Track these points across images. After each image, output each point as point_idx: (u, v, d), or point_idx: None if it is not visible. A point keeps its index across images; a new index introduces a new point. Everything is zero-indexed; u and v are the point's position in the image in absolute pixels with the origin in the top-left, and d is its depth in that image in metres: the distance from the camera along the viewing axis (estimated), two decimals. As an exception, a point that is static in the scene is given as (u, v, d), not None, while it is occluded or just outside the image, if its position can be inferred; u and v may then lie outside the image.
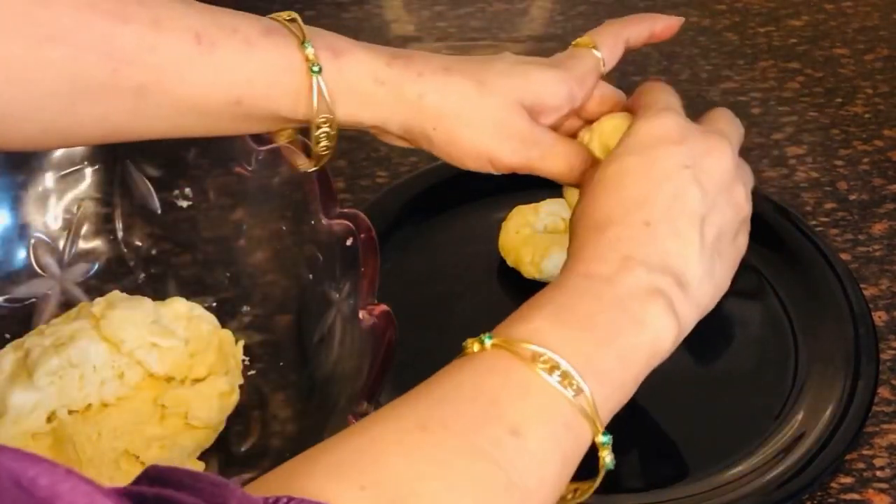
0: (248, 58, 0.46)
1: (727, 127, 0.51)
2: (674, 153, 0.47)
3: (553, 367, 0.39)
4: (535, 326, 0.41)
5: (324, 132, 0.49)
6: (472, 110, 0.50)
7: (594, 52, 0.53)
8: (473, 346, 0.41)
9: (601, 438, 0.40)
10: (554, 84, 0.51)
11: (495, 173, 0.52)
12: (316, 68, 0.47)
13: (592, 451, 0.47)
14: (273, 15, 0.49)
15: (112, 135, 0.48)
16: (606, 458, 0.41)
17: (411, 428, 0.37)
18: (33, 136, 0.45)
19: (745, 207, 0.49)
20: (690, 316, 0.46)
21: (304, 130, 0.52)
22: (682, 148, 0.47)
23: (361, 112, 0.49)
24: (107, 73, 0.44)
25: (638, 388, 0.60)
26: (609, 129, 0.52)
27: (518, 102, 0.50)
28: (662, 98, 0.51)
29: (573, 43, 0.55)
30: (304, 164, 0.53)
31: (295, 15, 0.49)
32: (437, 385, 0.39)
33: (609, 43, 0.54)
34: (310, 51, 0.47)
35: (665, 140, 0.47)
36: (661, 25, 0.56)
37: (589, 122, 0.55)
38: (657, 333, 0.43)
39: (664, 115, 0.49)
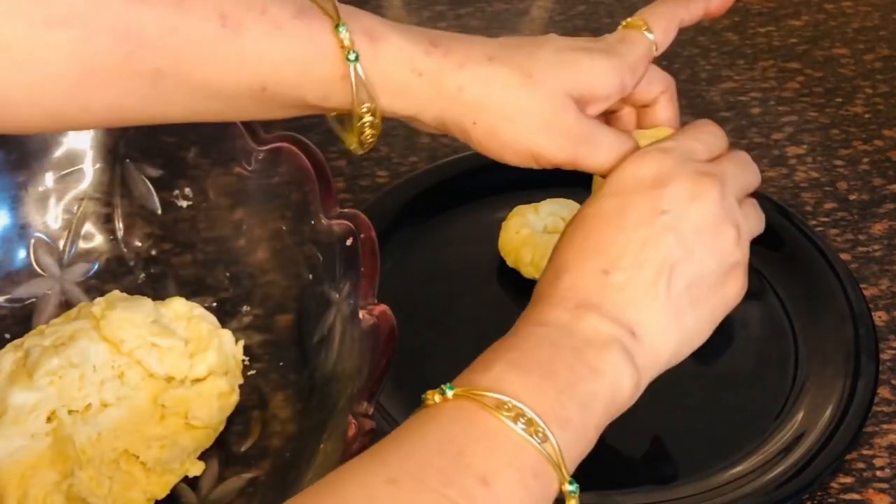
0: (277, 42, 0.43)
1: (735, 170, 0.48)
2: (653, 197, 0.45)
3: (518, 415, 0.38)
4: (495, 374, 0.40)
5: (367, 121, 0.46)
6: (517, 104, 0.46)
7: (647, 34, 0.51)
8: (434, 397, 0.39)
9: (568, 487, 0.39)
10: (605, 73, 0.48)
11: (536, 168, 0.49)
12: (353, 56, 0.44)
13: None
14: None
15: (123, 120, 0.45)
16: None
17: (380, 483, 0.35)
18: (39, 121, 0.43)
19: (733, 253, 0.46)
20: (651, 367, 0.44)
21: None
22: (663, 191, 0.45)
23: (395, 102, 0.46)
24: (120, 56, 0.40)
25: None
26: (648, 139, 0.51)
27: (567, 94, 0.47)
28: (682, 135, 0.49)
29: (623, 23, 0.52)
30: (355, 147, 0.49)
31: None
32: (402, 438, 0.38)
33: (663, 25, 0.51)
34: (345, 35, 0.43)
35: (647, 183, 0.46)
36: (717, 2, 0.54)
37: (632, 103, 0.53)
38: (615, 382, 0.42)
39: (655, 156, 0.47)
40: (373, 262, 0.51)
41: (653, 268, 0.44)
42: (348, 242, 0.53)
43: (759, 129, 0.81)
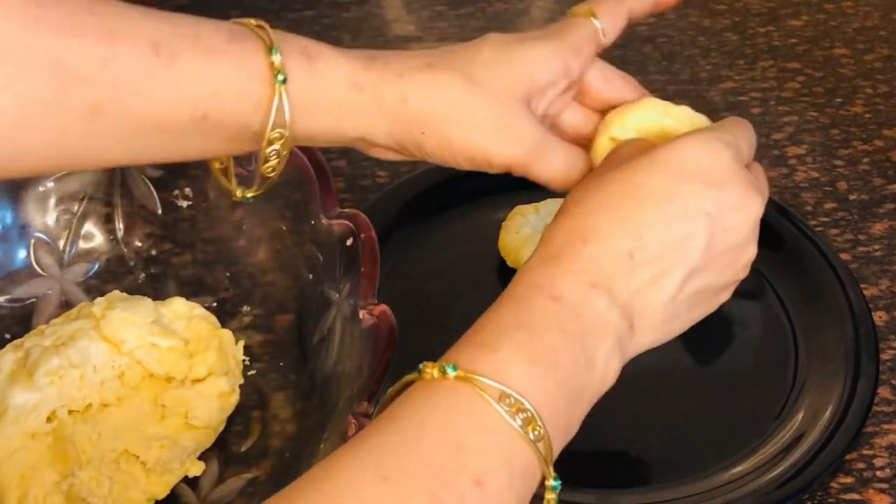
0: (212, 68, 0.42)
1: (764, 185, 0.47)
2: (703, 195, 0.43)
3: (519, 410, 0.37)
4: (500, 358, 0.38)
5: (274, 150, 0.45)
6: (462, 108, 0.46)
7: (593, 20, 0.49)
8: (433, 371, 0.38)
9: (552, 483, 0.38)
10: (545, 60, 0.47)
11: (492, 172, 0.49)
12: (281, 77, 0.43)
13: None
14: (238, 20, 0.45)
15: (65, 161, 0.43)
16: (553, 502, 0.39)
17: (372, 480, 0.34)
18: None
19: (743, 272, 0.46)
20: (629, 357, 0.43)
21: (238, 157, 0.48)
22: (715, 193, 0.43)
23: (341, 123, 0.45)
24: (55, 91, 0.39)
25: (638, 387, 0.60)
26: (638, 118, 0.49)
27: (511, 95, 0.46)
28: (738, 130, 0.47)
29: (569, 11, 0.50)
30: (240, 192, 0.48)
31: (263, 22, 0.45)
32: (397, 423, 0.37)
33: (609, 10, 0.50)
34: (276, 57, 0.43)
35: (704, 176, 0.43)
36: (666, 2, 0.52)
37: (594, 108, 0.52)
38: (604, 374, 0.41)
39: (718, 148, 0.44)
40: (373, 262, 0.51)
41: (677, 268, 0.43)
42: (348, 242, 0.53)
43: (759, 129, 0.81)
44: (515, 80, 0.47)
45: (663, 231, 0.43)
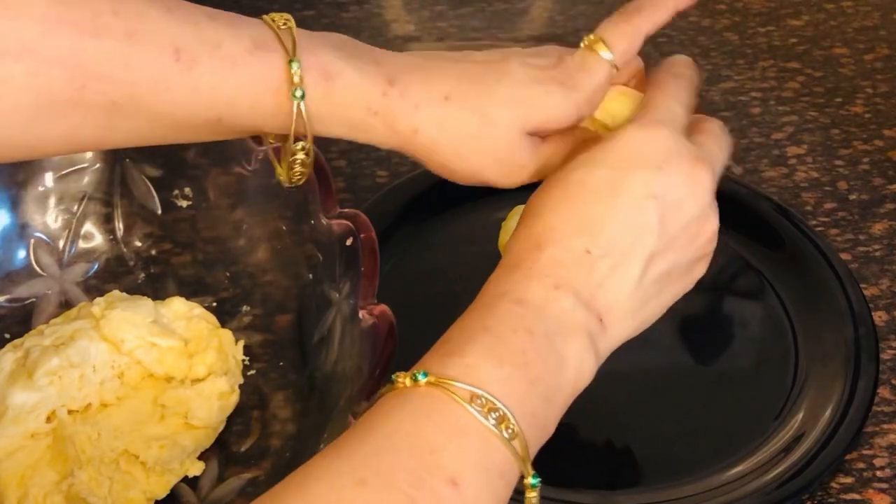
0: (231, 77, 0.43)
1: (717, 149, 0.48)
2: (647, 180, 0.44)
3: (490, 410, 0.37)
4: (469, 363, 0.39)
5: (299, 159, 0.47)
6: (471, 147, 0.47)
7: (605, 56, 0.49)
8: (405, 380, 0.38)
9: (531, 481, 0.39)
10: (561, 108, 0.48)
11: None
12: (299, 93, 0.44)
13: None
14: (266, 17, 0.45)
15: (81, 148, 0.46)
16: (533, 500, 0.39)
17: (350, 484, 0.34)
18: None
19: (710, 245, 0.47)
20: (607, 352, 0.44)
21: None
22: (658, 175, 0.44)
23: (350, 134, 0.47)
24: (74, 89, 0.41)
25: (638, 387, 0.60)
26: (614, 108, 0.50)
27: (521, 131, 0.47)
28: (669, 101, 0.48)
29: (584, 42, 0.50)
30: (284, 180, 0.49)
31: (289, 18, 0.45)
32: (372, 430, 0.37)
33: (624, 46, 0.50)
34: (295, 71, 0.43)
35: (644, 161, 0.44)
36: (686, 3, 0.52)
37: None
38: (578, 372, 0.42)
39: (655, 130, 0.45)
40: (373, 262, 0.51)
41: (636, 255, 0.43)
42: (348, 242, 0.53)
43: (759, 129, 0.81)
44: (528, 121, 0.47)
45: (614, 222, 0.43)
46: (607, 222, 0.43)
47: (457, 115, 0.46)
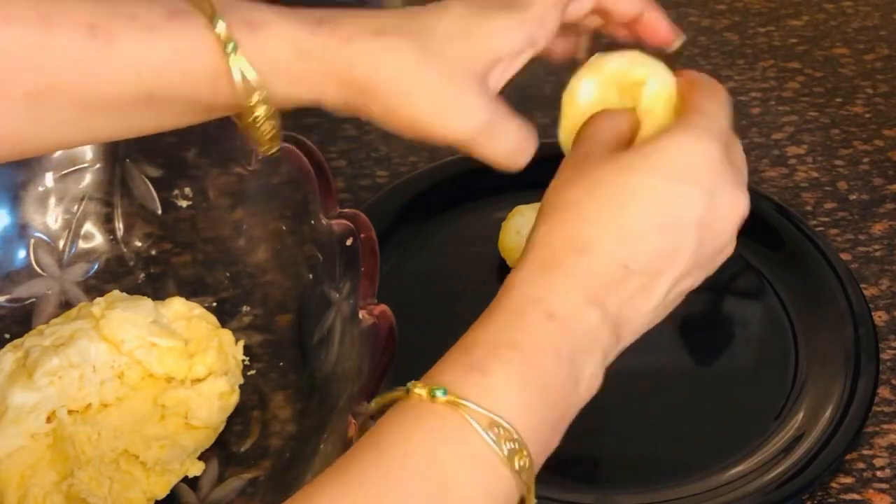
0: (153, 46, 0.41)
1: (745, 173, 0.46)
2: (697, 201, 0.42)
3: (507, 440, 0.37)
4: (492, 383, 0.37)
5: (261, 114, 0.43)
6: (409, 80, 0.43)
7: None
8: (422, 392, 0.37)
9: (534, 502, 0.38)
10: (506, 32, 0.45)
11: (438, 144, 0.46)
12: (230, 47, 0.41)
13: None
14: None
15: (14, 148, 0.43)
16: None
17: None
18: None
19: (715, 268, 0.46)
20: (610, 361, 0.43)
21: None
22: (707, 198, 0.42)
23: (292, 89, 0.43)
24: None
25: (638, 387, 0.60)
26: (636, 74, 0.48)
27: (466, 68, 0.44)
28: (718, 109, 0.45)
29: None
30: (264, 147, 0.45)
31: None
32: (383, 451, 0.36)
33: None
34: (221, 28, 0.41)
35: (698, 180, 0.42)
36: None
37: (612, 22, 0.49)
38: (587, 389, 0.41)
39: (712, 146, 0.43)
40: (373, 262, 0.51)
41: (666, 276, 0.42)
42: (348, 242, 0.53)
43: (759, 129, 0.81)
44: (474, 54, 0.44)
45: (657, 240, 0.42)
46: (650, 238, 0.42)
47: (393, 45, 0.43)
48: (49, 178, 0.61)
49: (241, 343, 0.59)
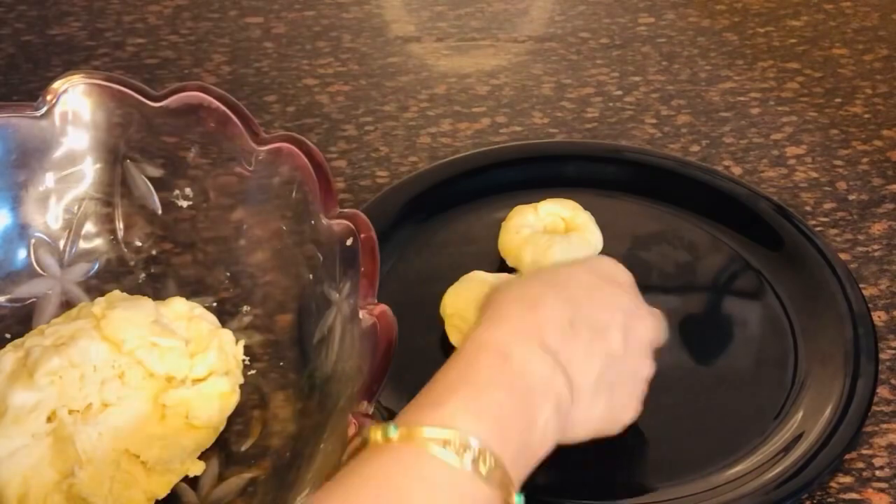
0: None
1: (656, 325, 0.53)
2: (621, 296, 0.50)
3: (465, 448, 0.39)
4: (445, 413, 0.40)
5: None
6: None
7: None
8: (377, 434, 0.40)
9: (516, 499, 0.40)
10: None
11: None
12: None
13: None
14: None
15: None
16: None
17: None
18: None
19: (643, 384, 0.51)
20: (573, 428, 0.46)
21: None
22: (628, 298, 0.50)
23: None
24: None
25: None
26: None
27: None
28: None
29: None
30: None
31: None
32: (346, 486, 0.38)
33: None
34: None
35: (619, 283, 0.51)
36: None
37: None
38: (544, 436, 0.43)
39: (623, 267, 0.52)
40: (373, 262, 0.51)
41: (604, 346, 0.47)
42: (348, 242, 0.53)
43: (759, 129, 0.81)
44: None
45: (593, 311, 0.48)
46: (588, 307, 0.48)
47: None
48: (50, 178, 0.61)
49: (242, 343, 0.59)
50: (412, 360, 0.59)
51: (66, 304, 0.61)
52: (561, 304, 0.47)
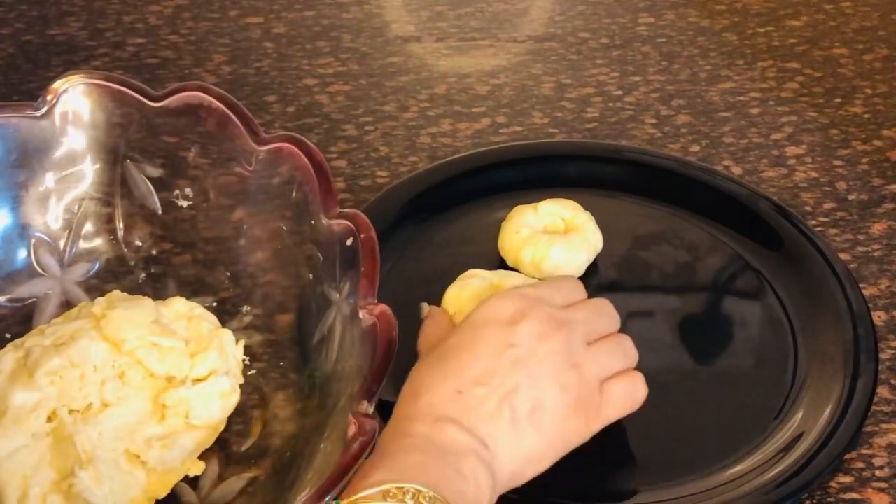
0: None
1: (588, 315, 0.54)
2: (501, 333, 0.51)
3: (404, 493, 0.42)
4: (373, 480, 0.43)
5: None
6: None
7: None
8: None
9: None
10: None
11: None
12: None
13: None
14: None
15: None
16: None
17: None
18: None
19: (575, 389, 0.51)
20: (503, 478, 0.48)
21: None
22: (514, 328, 0.51)
23: None
24: None
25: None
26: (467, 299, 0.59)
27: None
28: (542, 286, 0.55)
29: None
30: None
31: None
32: None
33: None
34: None
35: (496, 321, 0.51)
36: None
37: None
38: (477, 486, 0.46)
39: (504, 298, 0.53)
40: (373, 262, 0.51)
41: (499, 391, 0.49)
42: (348, 242, 0.53)
43: (759, 129, 0.81)
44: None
45: (477, 365, 0.49)
46: (472, 367, 0.49)
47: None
48: (50, 178, 0.61)
49: (242, 343, 0.59)
50: (412, 360, 0.59)
51: (66, 304, 0.61)
52: (442, 381, 0.49)
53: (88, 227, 0.63)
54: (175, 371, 0.55)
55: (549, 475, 0.51)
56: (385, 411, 0.56)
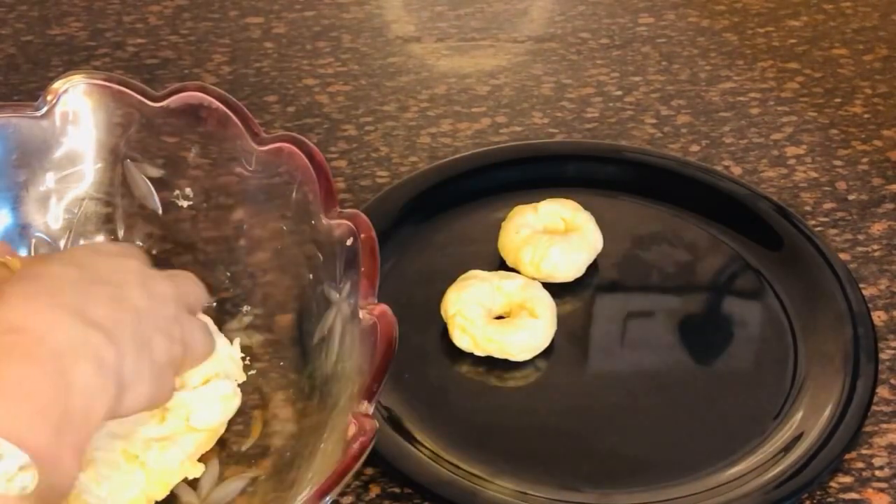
0: None
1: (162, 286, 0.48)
2: (129, 259, 0.48)
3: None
4: None
5: None
6: None
7: None
8: None
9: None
10: None
11: None
12: None
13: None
14: None
15: None
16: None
17: None
18: None
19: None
20: (132, 388, 0.42)
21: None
22: (135, 262, 0.47)
23: None
24: None
25: (638, 387, 0.60)
26: None
27: None
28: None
29: None
30: None
31: None
32: None
33: None
34: None
35: (127, 254, 0.49)
36: None
37: None
38: (89, 399, 0.39)
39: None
40: (373, 262, 0.51)
41: (127, 298, 0.44)
42: (348, 242, 0.53)
43: (759, 130, 0.81)
44: None
45: (102, 271, 0.44)
46: (93, 266, 0.44)
47: None
48: (50, 179, 0.61)
49: (237, 341, 0.59)
50: (412, 360, 0.59)
51: (67, 304, 0.61)
52: (65, 266, 0.43)
53: (89, 227, 0.63)
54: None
55: (548, 475, 0.51)
56: (385, 411, 0.56)
